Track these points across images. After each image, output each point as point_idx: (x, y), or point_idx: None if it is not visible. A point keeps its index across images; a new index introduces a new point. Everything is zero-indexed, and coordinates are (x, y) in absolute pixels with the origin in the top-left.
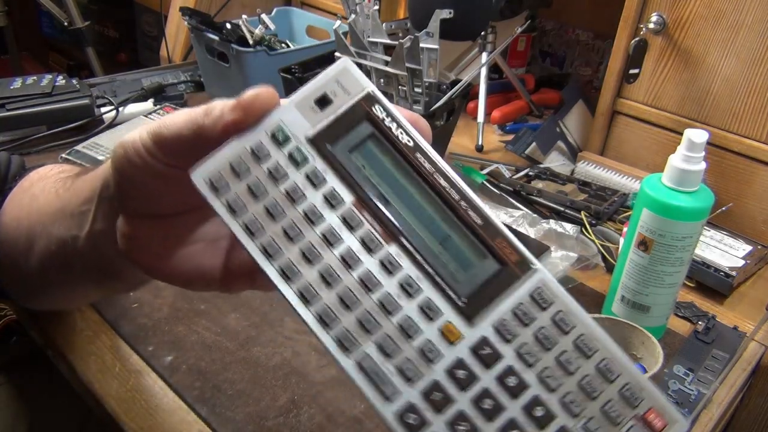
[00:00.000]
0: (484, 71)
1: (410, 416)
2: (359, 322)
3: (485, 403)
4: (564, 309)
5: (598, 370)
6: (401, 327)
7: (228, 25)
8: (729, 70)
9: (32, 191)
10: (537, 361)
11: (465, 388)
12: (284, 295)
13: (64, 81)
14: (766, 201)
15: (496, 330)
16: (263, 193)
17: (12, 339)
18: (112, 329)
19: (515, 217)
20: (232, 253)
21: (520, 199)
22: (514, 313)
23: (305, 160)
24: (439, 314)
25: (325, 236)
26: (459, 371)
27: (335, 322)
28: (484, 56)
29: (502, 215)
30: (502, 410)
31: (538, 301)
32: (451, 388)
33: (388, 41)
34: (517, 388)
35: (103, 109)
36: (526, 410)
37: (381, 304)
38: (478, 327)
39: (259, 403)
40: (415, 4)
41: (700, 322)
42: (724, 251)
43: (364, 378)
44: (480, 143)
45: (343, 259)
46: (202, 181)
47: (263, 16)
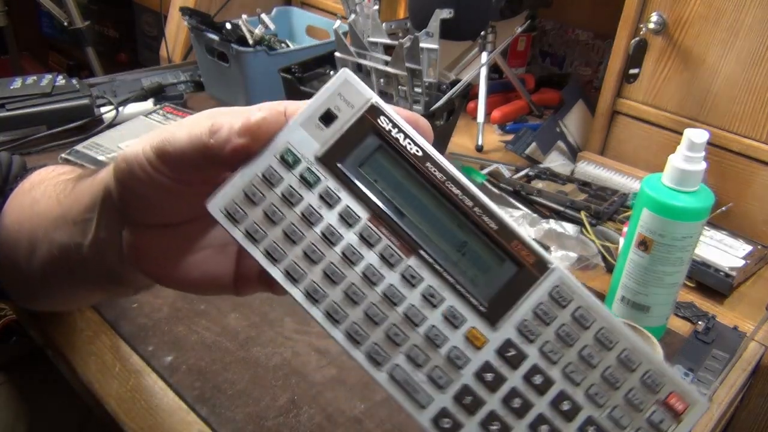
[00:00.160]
0: (484, 71)
1: (445, 421)
2: (387, 336)
3: (514, 401)
4: (583, 305)
5: (620, 360)
6: (428, 337)
7: (228, 25)
8: (729, 70)
9: (33, 194)
10: (560, 358)
11: (494, 390)
12: (313, 316)
13: (64, 81)
14: (766, 201)
15: (519, 331)
16: (280, 218)
17: (12, 339)
18: (112, 329)
19: (515, 217)
20: (243, 258)
21: (520, 199)
22: (535, 313)
23: (317, 181)
24: (463, 321)
25: (345, 255)
26: (487, 374)
27: (364, 338)
28: (484, 56)
29: None
30: (530, 407)
31: (558, 300)
32: (481, 391)
33: (388, 41)
34: (544, 385)
35: (103, 109)
36: (553, 405)
37: (406, 316)
38: (502, 330)
39: (259, 403)
40: (415, 4)
41: (700, 322)
42: (724, 251)
43: (398, 389)
44: (480, 143)
45: (365, 276)
46: (219, 212)
47: (263, 16)
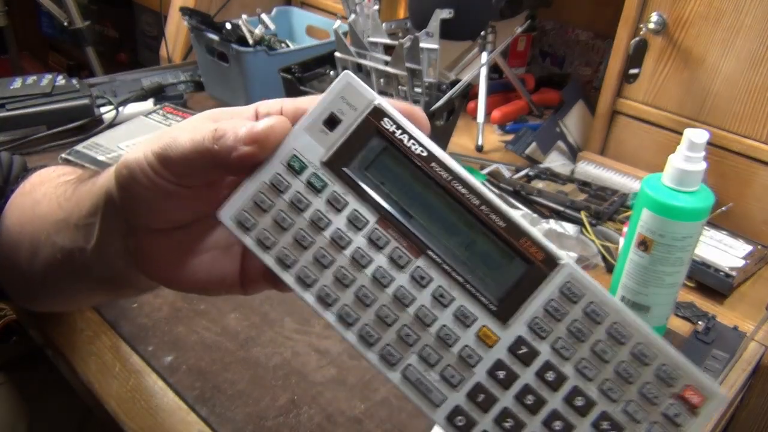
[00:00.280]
0: (484, 71)
1: (459, 419)
2: (399, 337)
3: (527, 398)
4: (595, 300)
5: (633, 354)
6: (439, 336)
7: (228, 25)
8: (729, 70)
9: (34, 196)
10: (573, 354)
11: (507, 387)
12: (326, 320)
13: (64, 81)
14: (766, 201)
15: (530, 328)
16: (289, 224)
17: (12, 339)
18: (112, 329)
19: None
20: (247, 258)
21: (520, 199)
22: (546, 310)
23: (324, 186)
24: (474, 320)
25: (355, 259)
26: (499, 372)
27: (377, 340)
28: (484, 56)
29: None
30: (544, 403)
31: (569, 296)
32: (494, 388)
33: (388, 41)
34: (557, 381)
35: (102, 109)
36: (566, 401)
37: (417, 317)
38: (513, 327)
39: (258, 403)
40: (415, 4)
41: (700, 322)
42: (724, 251)
43: (411, 388)
44: (480, 143)
45: (375, 278)
46: (229, 221)
47: (263, 15)
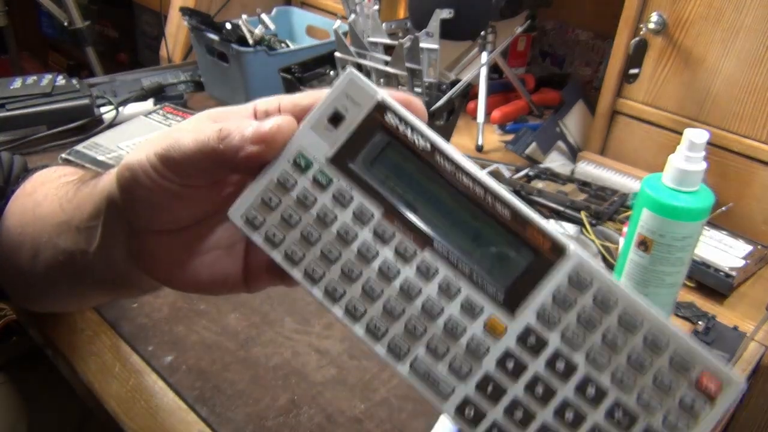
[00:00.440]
0: (484, 71)
1: (468, 409)
2: (407, 328)
3: (538, 388)
4: (603, 287)
5: (646, 341)
6: (447, 327)
7: (228, 25)
8: (729, 70)
9: (35, 197)
10: (583, 342)
11: (516, 377)
12: (333, 314)
13: (64, 81)
14: (766, 201)
15: (538, 318)
16: (296, 220)
17: (12, 339)
18: (112, 329)
19: None
20: (251, 255)
21: (520, 199)
22: (555, 299)
23: (330, 182)
24: (481, 310)
25: (361, 252)
26: (508, 362)
27: (384, 332)
28: (484, 56)
29: None
30: (554, 393)
31: (577, 284)
32: (503, 379)
33: (388, 41)
34: (567, 371)
35: (102, 109)
36: (578, 390)
37: (424, 308)
38: (521, 317)
39: (259, 403)
40: (415, 4)
41: (700, 322)
42: (724, 251)
43: (420, 380)
44: (480, 143)
45: (381, 271)
46: (239, 219)
47: (263, 16)
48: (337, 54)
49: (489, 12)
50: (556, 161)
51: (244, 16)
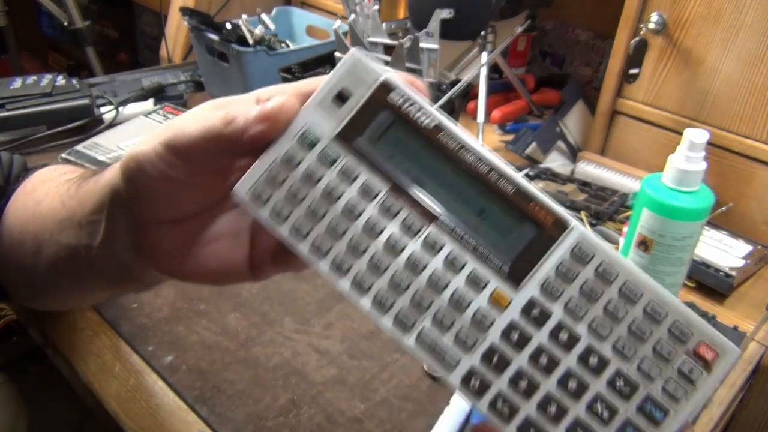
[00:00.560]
0: (484, 71)
1: (474, 380)
2: (413, 302)
3: (542, 359)
4: (606, 259)
5: (645, 312)
6: (453, 300)
7: (228, 25)
8: (729, 70)
9: (35, 195)
10: (586, 313)
11: (521, 348)
12: (339, 287)
13: (64, 81)
14: (766, 201)
15: (542, 290)
16: (303, 196)
17: (12, 338)
18: (112, 329)
19: None
20: (256, 244)
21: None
22: (558, 272)
23: (336, 158)
24: (486, 283)
25: (368, 227)
26: (513, 333)
27: (391, 305)
28: (484, 56)
29: None
30: (557, 363)
31: (579, 257)
32: (508, 350)
33: (388, 41)
34: (570, 341)
35: (102, 109)
36: (581, 360)
37: (431, 281)
38: (525, 289)
39: (259, 403)
40: (415, 4)
41: None
42: (724, 251)
43: (426, 351)
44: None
45: (388, 245)
46: (245, 195)
47: (263, 15)
48: (337, 54)
49: (489, 12)
50: (556, 161)
51: (244, 16)
